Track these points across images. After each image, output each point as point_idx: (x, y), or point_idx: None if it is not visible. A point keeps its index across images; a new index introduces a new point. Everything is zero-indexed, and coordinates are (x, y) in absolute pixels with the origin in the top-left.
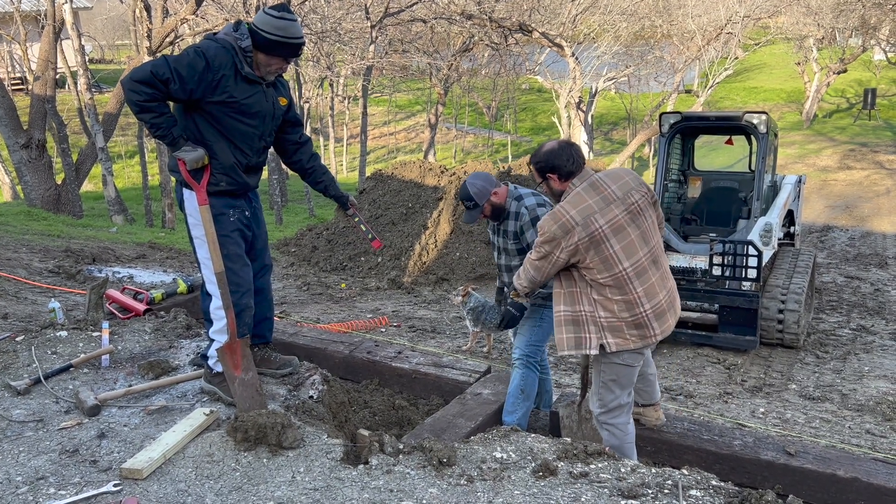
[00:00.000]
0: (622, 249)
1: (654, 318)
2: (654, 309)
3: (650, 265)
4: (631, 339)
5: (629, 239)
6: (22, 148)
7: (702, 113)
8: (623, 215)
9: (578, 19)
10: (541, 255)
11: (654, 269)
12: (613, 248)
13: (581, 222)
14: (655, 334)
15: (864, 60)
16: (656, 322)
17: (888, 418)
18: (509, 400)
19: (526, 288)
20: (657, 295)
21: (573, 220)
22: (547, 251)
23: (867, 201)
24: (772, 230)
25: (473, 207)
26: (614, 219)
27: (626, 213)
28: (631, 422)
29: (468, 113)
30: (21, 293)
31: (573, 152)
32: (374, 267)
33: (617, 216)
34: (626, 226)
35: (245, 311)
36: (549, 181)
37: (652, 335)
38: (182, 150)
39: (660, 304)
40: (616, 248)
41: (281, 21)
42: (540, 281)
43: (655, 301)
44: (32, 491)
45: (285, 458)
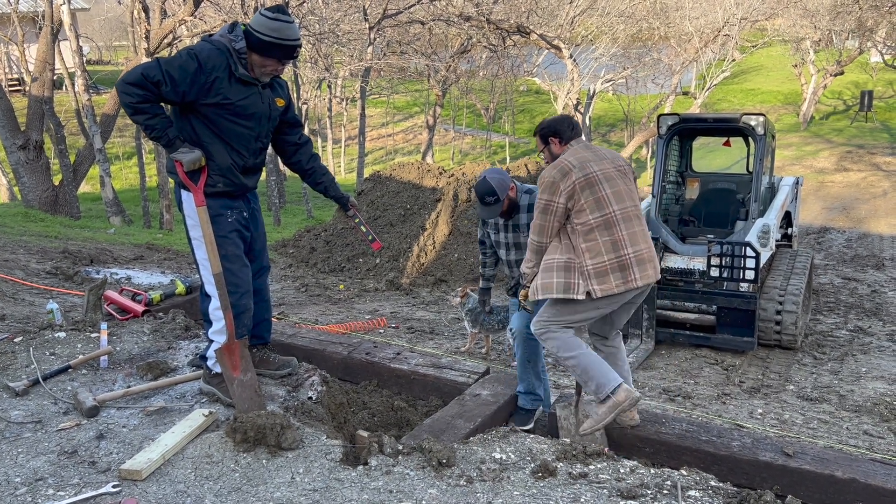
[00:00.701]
0: (613, 195)
1: (636, 262)
2: (637, 254)
3: (634, 217)
4: (615, 283)
5: (619, 188)
6: (19, 149)
7: (699, 115)
8: (613, 169)
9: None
10: (542, 207)
11: (637, 222)
12: (605, 191)
13: (578, 165)
14: (636, 278)
15: (861, 62)
16: (637, 267)
17: (886, 419)
18: (519, 370)
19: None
20: (639, 243)
21: (571, 164)
22: (547, 199)
23: (864, 203)
24: (769, 231)
25: (495, 202)
26: (605, 169)
27: (615, 168)
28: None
29: (466, 114)
30: (19, 294)
31: (573, 122)
32: (372, 268)
33: (607, 168)
34: (616, 178)
35: (244, 313)
36: (551, 145)
37: (633, 279)
38: (179, 151)
39: (641, 252)
40: (608, 191)
41: (276, 22)
42: (545, 243)
43: (638, 248)
44: (31, 492)
45: (284, 459)
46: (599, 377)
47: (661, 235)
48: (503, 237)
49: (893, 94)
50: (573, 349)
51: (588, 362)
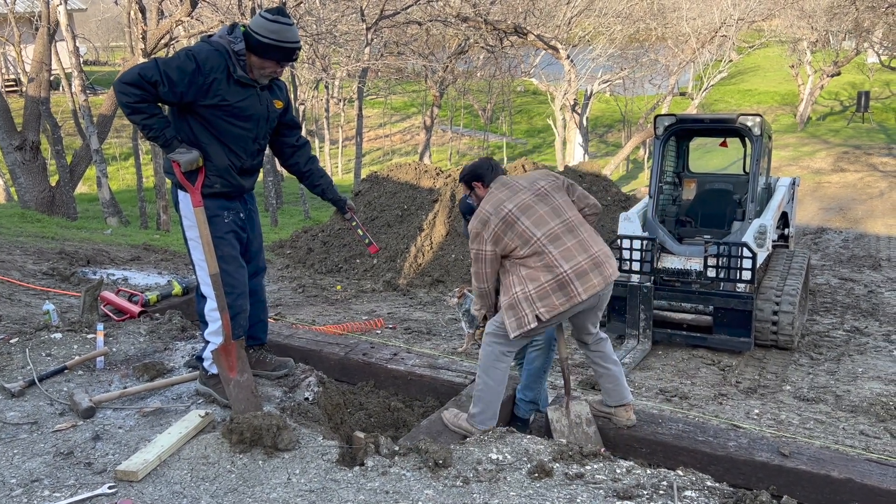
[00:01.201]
0: (532, 223)
1: (575, 277)
2: (574, 269)
3: (564, 233)
4: (558, 301)
5: (538, 214)
6: (16, 150)
7: (696, 115)
8: (529, 197)
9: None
10: (474, 257)
11: (569, 237)
12: (524, 224)
13: (493, 211)
14: (579, 292)
15: (858, 63)
16: (578, 281)
17: (882, 419)
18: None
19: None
20: (575, 257)
21: (488, 211)
22: (476, 248)
23: (861, 203)
24: (766, 232)
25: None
26: (521, 202)
27: (533, 195)
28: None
29: (463, 115)
30: (15, 295)
31: (492, 163)
32: (369, 269)
33: (523, 199)
34: (534, 204)
35: (240, 314)
36: (475, 189)
37: (576, 293)
38: (176, 152)
39: (579, 265)
40: (527, 223)
41: (275, 24)
42: (486, 288)
43: (574, 262)
44: (27, 493)
45: (281, 460)
46: (486, 409)
47: (657, 236)
48: None
49: (890, 95)
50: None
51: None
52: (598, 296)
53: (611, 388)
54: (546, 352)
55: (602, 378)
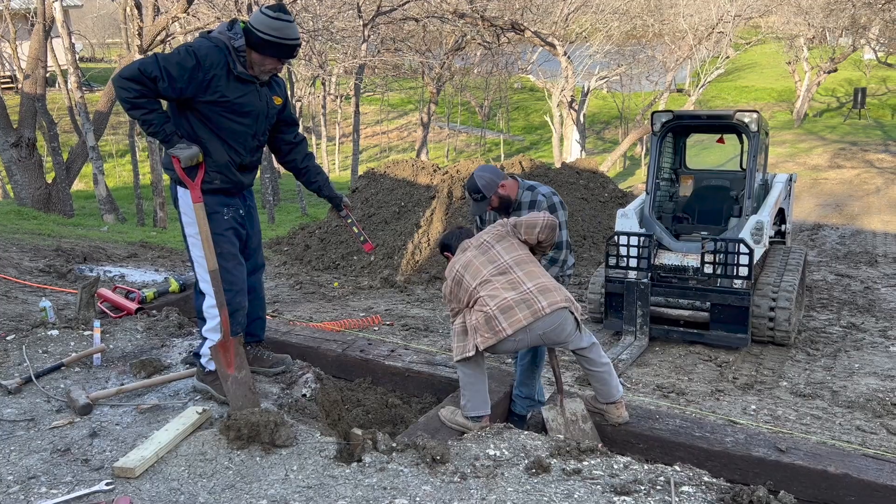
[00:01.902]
0: (470, 276)
1: (499, 313)
2: (499, 306)
3: (494, 276)
4: (487, 336)
5: (474, 266)
6: (12, 147)
7: (693, 112)
8: (473, 253)
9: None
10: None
11: (499, 278)
12: (465, 278)
13: (448, 276)
14: (503, 327)
15: (855, 60)
16: (502, 316)
17: (878, 415)
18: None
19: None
20: (500, 295)
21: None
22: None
23: (857, 200)
24: (763, 228)
25: (481, 199)
26: (467, 261)
27: (476, 250)
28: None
29: (461, 112)
30: (11, 292)
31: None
32: (366, 265)
33: (469, 258)
34: (474, 259)
35: (238, 311)
36: (446, 257)
37: (500, 328)
38: (176, 147)
39: (504, 301)
40: (467, 276)
41: (277, 21)
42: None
43: (499, 300)
44: (24, 490)
45: (278, 457)
46: (474, 397)
47: (654, 232)
48: None
49: (887, 92)
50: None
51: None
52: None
53: (599, 388)
54: (534, 349)
55: (590, 378)
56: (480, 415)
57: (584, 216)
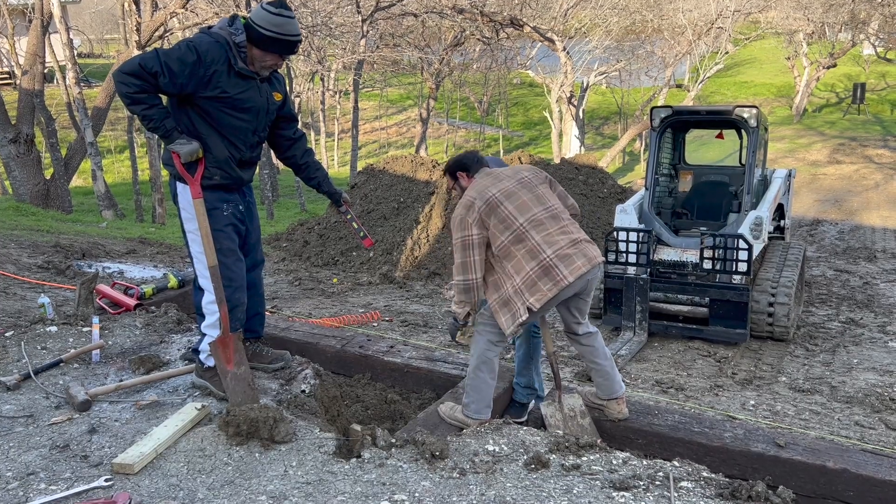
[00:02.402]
0: (516, 209)
1: (558, 261)
2: (557, 253)
3: (547, 220)
4: (545, 288)
5: (521, 200)
6: (10, 143)
7: (693, 107)
8: (513, 185)
9: (570, 14)
10: (459, 246)
11: (551, 223)
12: (508, 209)
13: (478, 196)
14: (565, 275)
15: (854, 55)
16: (562, 264)
17: (877, 410)
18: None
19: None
20: (557, 242)
21: (472, 197)
22: (461, 236)
23: (856, 195)
24: (762, 224)
25: None
26: (505, 188)
27: (517, 183)
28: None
29: (460, 107)
30: (10, 289)
31: (477, 155)
32: (365, 262)
33: (507, 186)
34: (518, 191)
35: (238, 307)
36: (460, 179)
37: (561, 277)
38: (176, 142)
39: (562, 249)
40: (510, 208)
41: (278, 17)
42: (473, 280)
43: (556, 247)
44: (23, 486)
45: (277, 453)
46: (479, 400)
47: (654, 228)
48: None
49: (886, 87)
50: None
51: (476, 384)
52: (585, 280)
53: (601, 383)
54: (527, 339)
55: (593, 372)
56: (482, 418)
57: (583, 212)
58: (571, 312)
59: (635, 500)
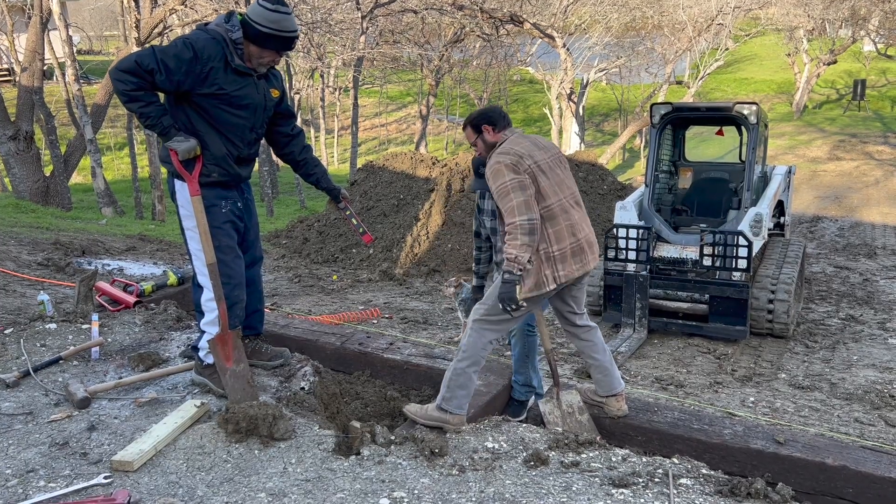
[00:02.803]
0: (555, 184)
1: (587, 245)
2: (586, 238)
3: (575, 204)
4: (575, 266)
5: (559, 177)
6: (10, 140)
7: (693, 104)
8: (551, 158)
9: (569, 10)
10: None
11: (577, 208)
12: (552, 180)
13: (526, 153)
14: (589, 260)
15: (854, 51)
16: (589, 250)
17: (876, 407)
18: (516, 365)
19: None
20: (584, 228)
21: (519, 152)
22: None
23: (856, 192)
24: (762, 221)
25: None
26: (543, 160)
27: (553, 157)
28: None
29: (460, 104)
30: (10, 286)
31: (503, 112)
32: (365, 258)
33: (545, 158)
34: (553, 167)
35: (237, 304)
36: (485, 133)
37: (587, 261)
38: (174, 140)
39: (588, 236)
40: (553, 179)
41: (274, 14)
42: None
43: (584, 232)
44: (22, 484)
45: (277, 450)
46: (458, 396)
47: (653, 225)
48: (500, 225)
49: (886, 83)
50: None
51: (464, 381)
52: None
53: (601, 379)
54: (522, 337)
55: (592, 369)
56: (460, 413)
57: None
58: (568, 303)
59: (634, 497)
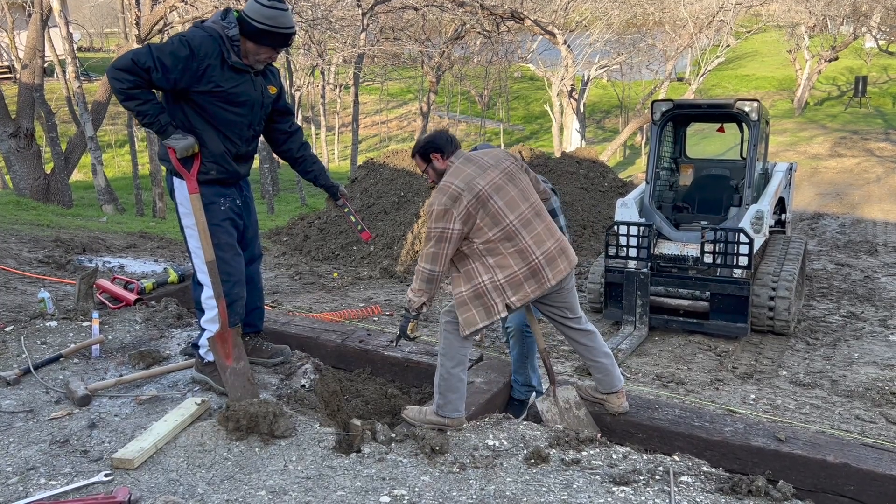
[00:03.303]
0: (505, 205)
1: (546, 263)
2: (545, 255)
3: (533, 218)
4: (530, 289)
5: (510, 195)
6: (10, 137)
7: (693, 101)
8: (499, 177)
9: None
10: (436, 237)
11: (537, 221)
12: (498, 204)
13: (465, 187)
14: (549, 278)
15: (856, 48)
16: (548, 267)
17: (877, 404)
18: (515, 365)
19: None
20: (545, 243)
21: (458, 188)
22: (441, 227)
23: (858, 189)
24: (763, 217)
25: None
26: (492, 180)
27: (502, 174)
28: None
29: (460, 101)
30: (10, 283)
31: (450, 136)
32: (366, 256)
33: (494, 178)
34: (505, 185)
35: (236, 301)
36: (434, 161)
37: (546, 279)
38: (171, 138)
39: (549, 251)
40: (500, 203)
41: (271, 10)
42: (438, 272)
43: (544, 248)
44: (23, 481)
45: (277, 447)
46: (451, 400)
47: (654, 222)
48: None
49: (888, 80)
50: (457, 362)
51: (453, 384)
52: (563, 280)
53: (601, 378)
54: (520, 338)
55: (592, 369)
56: (462, 416)
57: (583, 206)
58: (559, 310)
59: (635, 495)
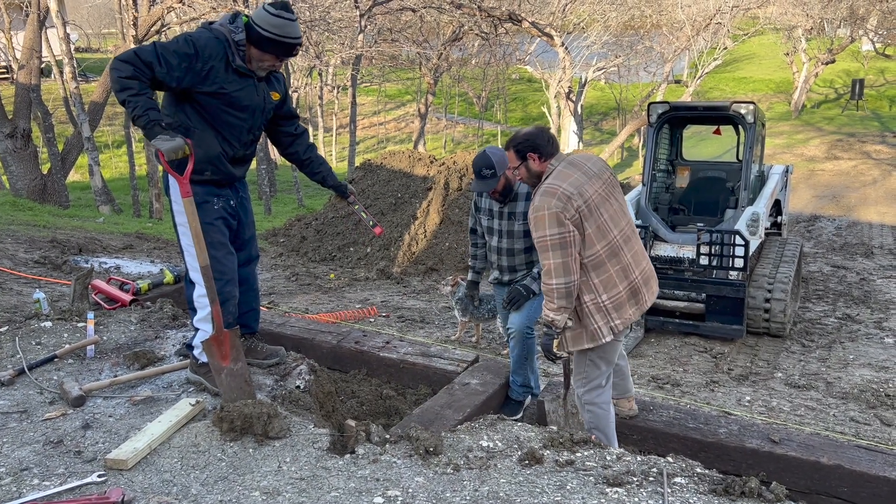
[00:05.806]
0: (609, 218)
1: (643, 283)
2: (642, 274)
3: (632, 235)
4: (631, 311)
5: (613, 209)
6: (7, 137)
7: (690, 103)
8: (603, 187)
9: (568, 9)
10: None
11: (635, 238)
12: (604, 217)
13: (575, 192)
14: (647, 300)
15: (853, 51)
16: (645, 287)
17: (872, 406)
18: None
19: (564, 309)
20: (642, 261)
21: (568, 191)
22: (559, 233)
23: (854, 191)
24: (759, 220)
25: (492, 176)
26: (598, 190)
27: (605, 185)
28: (611, 402)
29: (458, 103)
30: (6, 284)
31: (550, 135)
32: (363, 257)
33: (599, 188)
34: (608, 197)
35: (229, 300)
36: (529, 161)
37: (644, 301)
38: (158, 138)
39: (645, 270)
40: (605, 216)
41: (278, 19)
42: (573, 281)
43: (642, 267)
44: (16, 482)
45: (271, 448)
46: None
47: (650, 224)
48: (496, 224)
49: (884, 83)
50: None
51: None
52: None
53: (618, 382)
54: (522, 339)
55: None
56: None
57: None
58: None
59: (629, 496)
